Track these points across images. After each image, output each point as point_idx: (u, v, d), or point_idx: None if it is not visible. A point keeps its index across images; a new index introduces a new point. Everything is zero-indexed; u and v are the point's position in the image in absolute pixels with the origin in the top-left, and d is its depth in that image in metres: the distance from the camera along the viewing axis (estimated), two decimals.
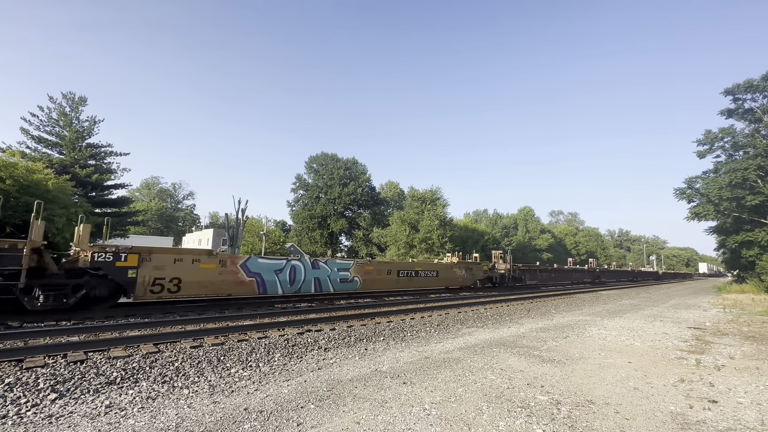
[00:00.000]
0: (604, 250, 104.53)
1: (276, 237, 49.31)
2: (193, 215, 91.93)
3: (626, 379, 5.54)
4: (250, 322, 9.27)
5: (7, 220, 17.84)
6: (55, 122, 31.90)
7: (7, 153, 23.78)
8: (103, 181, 32.32)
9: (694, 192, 30.82)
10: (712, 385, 5.34)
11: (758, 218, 27.78)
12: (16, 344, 6.39)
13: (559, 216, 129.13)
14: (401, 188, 73.92)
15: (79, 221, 10.34)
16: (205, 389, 4.76)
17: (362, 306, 12.84)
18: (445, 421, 3.83)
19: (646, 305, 17.64)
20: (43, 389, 4.44)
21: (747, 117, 29.69)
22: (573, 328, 10.10)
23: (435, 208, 46.96)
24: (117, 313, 9.70)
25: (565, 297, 20.46)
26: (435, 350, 7.12)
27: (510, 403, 4.40)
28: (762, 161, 25.61)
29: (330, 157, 58.20)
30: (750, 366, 6.53)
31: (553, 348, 7.56)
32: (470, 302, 15.13)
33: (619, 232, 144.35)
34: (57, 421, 3.71)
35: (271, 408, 4.12)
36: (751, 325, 11.75)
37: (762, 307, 16.98)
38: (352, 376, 5.35)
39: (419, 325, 9.74)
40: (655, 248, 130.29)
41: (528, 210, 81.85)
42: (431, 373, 5.57)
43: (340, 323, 9.48)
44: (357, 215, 58.37)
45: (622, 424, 3.90)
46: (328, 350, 6.95)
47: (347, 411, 4.08)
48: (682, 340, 8.85)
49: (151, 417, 3.86)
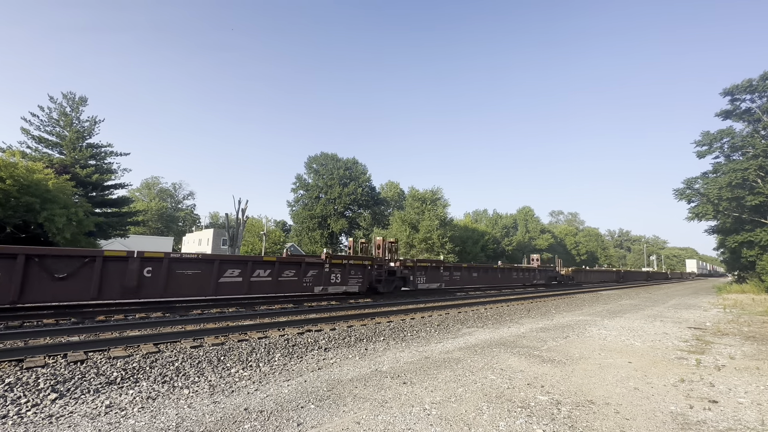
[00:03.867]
0: (604, 250, 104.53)
1: (276, 237, 49.36)
2: (194, 215, 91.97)
3: (626, 379, 5.54)
4: (250, 322, 9.27)
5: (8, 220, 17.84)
6: (55, 122, 31.91)
7: (7, 153, 23.80)
8: (103, 181, 32.35)
9: (693, 192, 30.81)
10: (712, 385, 5.34)
11: (758, 218, 27.77)
12: (17, 344, 6.38)
13: (559, 216, 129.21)
14: (401, 188, 73.96)
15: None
16: (205, 389, 4.76)
17: (362, 306, 12.83)
18: (445, 421, 3.83)
19: (646, 305, 17.64)
20: (44, 389, 4.44)
21: (745, 118, 29.68)
22: (573, 328, 10.10)
23: (435, 208, 46.94)
24: (117, 313, 9.70)
25: (566, 297, 20.45)
26: (435, 350, 7.12)
27: (510, 403, 4.40)
28: (762, 161, 25.61)
29: (330, 157, 58.22)
30: (750, 366, 6.53)
31: (553, 348, 7.55)
32: (470, 302, 15.12)
33: (619, 232, 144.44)
34: (57, 421, 3.71)
35: (272, 408, 4.12)
36: (752, 325, 11.74)
37: (762, 307, 16.97)
38: (352, 376, 5.35)
39: (419, 325, 9.74)
40: (656, 248, 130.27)
41: (527, 210, 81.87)
42: (431, 373, 5.57)
43: (340, 323, 9.47)
44: (357, 215, 58.40)
45: (623, 424, 3.90)
46: (328, 350, 6.95)
47: (347, 411, 4.07)
48: (682, 340, 8.84)
49: (152, 417, 3.86)
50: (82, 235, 21.69)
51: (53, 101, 31.93)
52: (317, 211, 54.98)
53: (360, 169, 58.27)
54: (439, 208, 47.44)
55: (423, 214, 46.80)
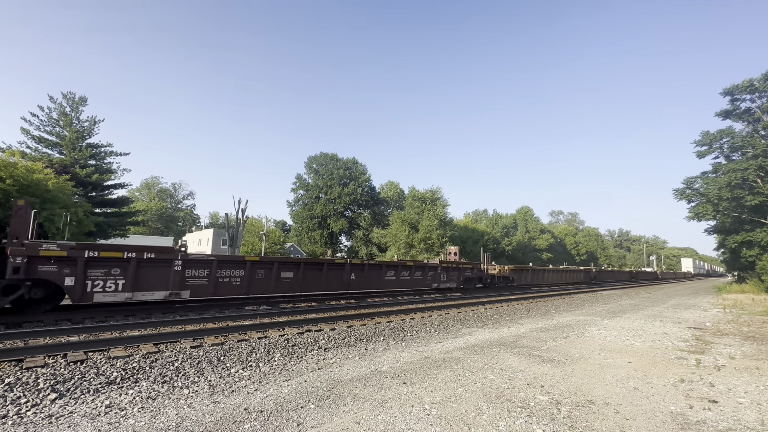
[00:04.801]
0: (604, 250, 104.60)
1: (276, 237, 49.36)
2: (193, 215, 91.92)
3: (626, 379, 5.54)
4: (250, 322, 9.27)
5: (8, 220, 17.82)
6: (55, 122, 31.90)
7: (7, 153, 23.79)
8: (103, 181, 32.33)
9: (693, 192, 30.83)
10: (712, 385, 5.34)
11: (758, 218, 27.79)
12: (16, 344, 6.38)
13: (559, 216, 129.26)
14: (401, 188, 73.99)
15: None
16: (205, 389, 4.76)
17: (362, 306, 12.84)
18: (445, 421, 3.83)
19: (646, 305, 17.65)
20: (43, 389, 4.44)
21: (745, 118, 29.70)
22: (573, 328, 10.10)
23: (435, 208, 46.95)
24: (117, 313, 9.71)
25: (565, 297, 20.46)
26: (435, 350, 7.12)
27: (510, 403, 4.40)
28: (762, 161, 25.62)
29: (330, 157, 58.23)
30: (750, 366, 6.53)
31: (553, 348, 7.56)
32: (470, 302, 15.13)
33: (619, 232, 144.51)
34: (57, 421, 3.71)
35: (271, 408, 4.12)
36: (751, 325, 11.75)
37: (762, 307, 16.98)
38: (352, 376, 5.35)
39: (419, 325, 9.74)
40: (655, 248, 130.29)
41: (527, 210, 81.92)
42: (431, 373, 5.57)
43: (340, 323, 9.47)
44: (357, 215, 58.40)
45: (622, 424, 3.90)
46: (328, 350, 6.95)
47: (347, 411, 4.07)
48: (682, 340, 8.85)
49: (151, 417, 3.86)
50: (82, 235, 21.69)
51: (53, 101, 31.92)
52: (317, 211, 54.99)
53: (360, 169, 58.28)
54: (438, 208, 47.45)
55: (423, 214, 46.82)
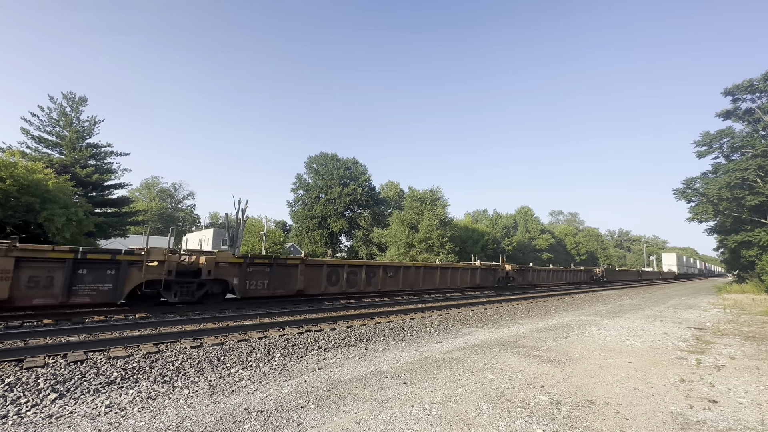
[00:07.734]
0: (604, 250, 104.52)
1: (276, 237, 49.35)
2: (194, 215, 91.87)
3: (626, 379, 5.54)
4: (250, 322, 9.27)
5: (8, 220, 17.84)
6: (55, 122, 31.89)
7: (7, 153, 23.79)
8: (103, 181, 32.33)
9: (693, 192, 30.83)
10: (712, 385, 5.34)
11: (758, 218, 27.77)
12: (16, 344, 6.38)
13: (559, 216, 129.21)
14: (401, 188, 73.91)
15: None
16: (205, 389, 4.75)
17: (362, 306, 12.84)
18: (445, 421, 3.83)
19: (646, 305, 17.64)
20: (43, 389, 4.44)
21: (745, 118, 29.70)
22: (573, 328, 10.10)
23: (435, 208, 46.91)
24: (117, 313, 9.70)
25: (565, 297, 20.45)
26: (435, 350, 7.12)
27: (510, 403, 4.40)
28: (762, 161, 25.61)
29: (330, 157, 58.17)
30: (750, 366, 6.53)
31: (553, 348, 7.55)
32: (470, 302, 15.13)
33: (619, 232, 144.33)
34: (57, 421, 3.71)
35: (271, 408, 4.12)
36: (751, 325, 11.75)
37: (762, 307, 16.98)
38: (352, 376, 5.35)
39: (419, 325, 9.74)
40: (655, 248, 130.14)
41: (527, 210, 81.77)
42: (431, 373, 5.57)
43: (340, 323, 9.47)
44: (357, 215, 58.34)
45: (622, 424, 3.90)
46: (328, 350, 6.95)
47: (347, 411, 4.07)
48: (682, 340, 8.85)
49: (151, 417, 3.86)
50: (82, 235, 21.68)
51: (53, 101, 31.91)
52: (317, 211, 54.95)
53: (360, 169, 58.22)
54: (438, 208, 47.39)
55: (422, 214, 46.78)
